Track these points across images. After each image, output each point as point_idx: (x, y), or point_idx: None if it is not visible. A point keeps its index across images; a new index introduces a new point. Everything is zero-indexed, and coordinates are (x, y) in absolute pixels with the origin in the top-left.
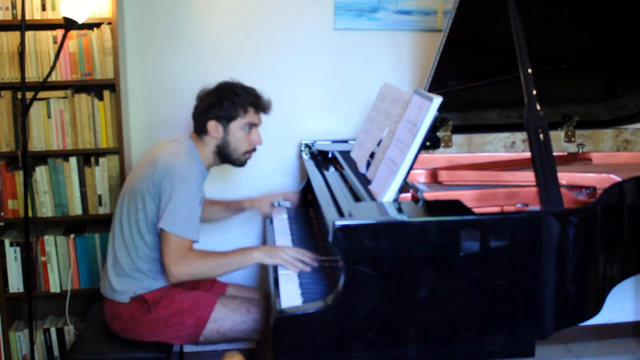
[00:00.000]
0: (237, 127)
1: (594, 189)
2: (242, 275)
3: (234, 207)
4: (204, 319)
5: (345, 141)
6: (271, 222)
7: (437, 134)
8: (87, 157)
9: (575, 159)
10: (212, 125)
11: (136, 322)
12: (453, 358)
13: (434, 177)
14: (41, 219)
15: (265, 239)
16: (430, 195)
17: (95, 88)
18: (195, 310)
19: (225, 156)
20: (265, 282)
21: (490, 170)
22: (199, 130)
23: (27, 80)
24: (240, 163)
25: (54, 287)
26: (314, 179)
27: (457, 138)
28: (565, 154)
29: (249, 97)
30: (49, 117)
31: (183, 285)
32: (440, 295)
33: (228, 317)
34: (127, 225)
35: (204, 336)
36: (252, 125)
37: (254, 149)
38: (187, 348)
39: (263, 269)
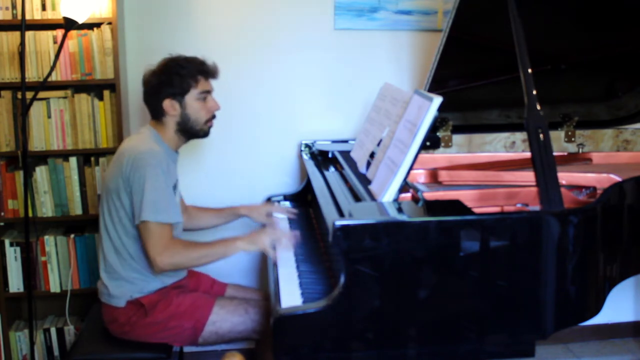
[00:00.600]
0: (192, 98)
1: (594, 189)
2: (242, 274)
3: (228, 213)
4: (202, 322)
5: (345, 141)
6: None
7: (437, 134)
8: (87, 157)
9: (575, 159)
10: (168, 104)
11: (133, 326)
12: (453, 358)
13: (434, 177)
14: (41, 219)
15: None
16: (430, 195)
17: (95, 88)
18: (193, 312)
19: (187, 131)
20: (265, 282)
21: (490, 170)
22: (156, 113)
23: (27, 80)
24: (204, 133)
25: (54, 287)
26: (314, 179)
27: (457, 138)
28: (565, 154)
29: (196, 66)
30: (49, 117)
31: (182, 287)
32: (440, 295)
33: (226, 319)
34: (111, 225)
35: (203, 338)
36: (206, 93)
37: (214, 116)
38: (187, 348)
39: (263, 268)
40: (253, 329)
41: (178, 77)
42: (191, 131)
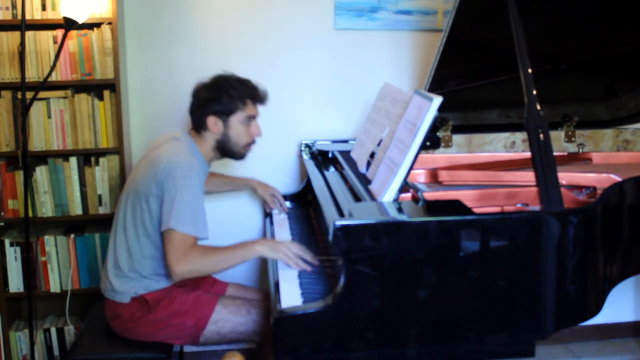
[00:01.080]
0: (237, 120)
1: (594, 189)
2: (243, 274)
3: (240, 183)
4: (205, 320)
5: (345, 141)
6: (271, 222)
7: (437, 134)
8: (87, 157)
9: (575, 159)
10: (212, 121)
11: (136, 322)
12: (453, 358)
13: (434, 177)
14: (41, 219)
15: (265, 238)
16: (430, 195)
17: (95, 88)
18: (195, 311)
19: (226, 150)
20: (266, 281)
21: (490, 170)
22: (198, 126)
23: (27, 80)
24: (241, 156)
25: (54, 287)
26: (314, 179)
27: (457, 138)
28: (565, 154)
29: (247, 90)
30: (49, 117)
31: (184, 286)
32: (440, 295)
33: (228, 319)
34: (131, 226)
35: (204, 337)
36: (251, 118)
37: (254, 141)
38: (187, 348)
39: (263, 268)
40: (255, 330)
41: (228, 96)
42: (229, 152)
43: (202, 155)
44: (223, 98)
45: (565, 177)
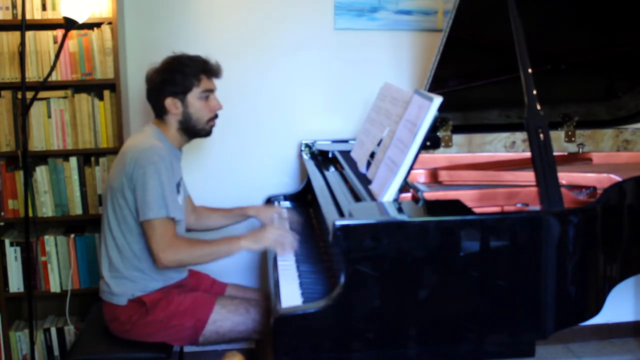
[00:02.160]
0: (194, 97)
1: (594, 189)
2: (242, 274)
3: (237, 214)
4: (203, 320)
5: (345, 141)
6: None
7: (437, 134)
8: (87, 157)
9: (575, 159)
10: (170, 102)
11: (134, 324)
12: (453, 358)
13: (434, 177)
14: (41, 219)
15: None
16: (430, 195)
17: (95, 88)
18: (194, 311)
19: (190, 130)
20: (265, 282)
21: (490, 170)
22: (158, 111)
23: (27, 80)
24: (206, 133)
25: (54, 287)
26: (314, 179)
27: (457, 138)
28: (565, 154)
29: (199, 65)
30: (49, 117)
31: (182, 286)
32: (440, 295)
33: (227, 318)
34: (115, 224)
35: (204, 337)
36: (209, 92)
37: (216, 116)
38: (187, 348)
39: (263, 267)
40: (254, 329)
41: (180, 75)
42: (193, 130)
43: (169, 141)
44: (176, 77)
45: (565, 177)
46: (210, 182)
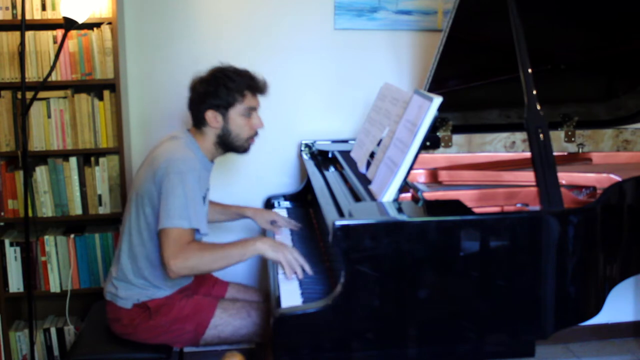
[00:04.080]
0: (236, 113)
1: (594, 189)
2: (243, 274)
3: (234, 212)
4: (204, 325)
5: (345, 141)
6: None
7: (437, 134)
8: (87, 157)
9: (575, 159)
10: (211, 115)
11: (136, 328)
12: (453, 358)
13: (434, 177)
14: (41, 219)
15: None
16: (430, 195)
17: (95, 88)
18: (194, 316)
19: (227, 145)
20: (266, 281)
21: (490, 170)
22: (197, 122)
23: (27, 80)
24: (244, 150)
25: (54, 287)
26: (314, 179)
27: (457, 138)
28: (565, 154)
29: (245, 81)
30: (49, 117)
31: (186, 290)
32: (440, 295)
33: (229, 323)
34: (136, 230)
35: (205, 340)
36: (252, 110)
37: (256, 134)
38: (187, 348)
39: (263, 267)
40: (255, 332)
41: (225, 89)
42: (231, 146)
43: (202, 151)
44: (220, 91)
45: (565, 177)
46: (210, 182)
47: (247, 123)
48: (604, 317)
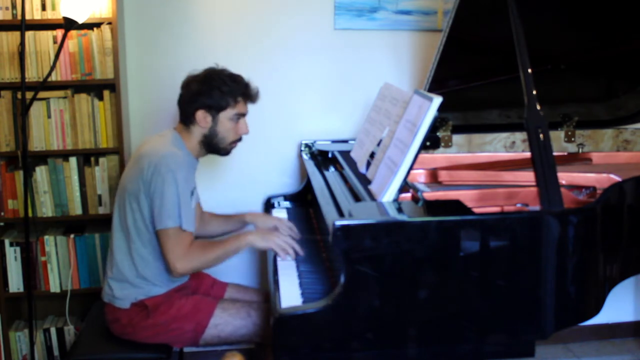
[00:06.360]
0: (226, 117)
1: (594, 189)
2: (242, 274)
3: (236, 221)
4: (203, 325)
5: (345, 141)
6: None
7: (437, 134)
8: (87, 157)
9: (575, 159)
10: (201, 115)
11: (135, 327)
12: (453, 358)
13: (434, 177)
14: (41, 219)
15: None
16: (430, 195)
17: (95, 88)
18: (194, 315)
19: (211, 146)
20: (266, 282)
21: (490, 170)
22: (186, 119)
23: (27, 80)
24: (226, 152)
25: (54, 287)
26: (314, 179)
27: (457, 138)
28: (565, 154)
29: (239, 87)
30: (49, 117)
31: (184, 289)
32: (440, 295)
33: (228, 322)
34: (126, 228)
35: (204, 340)
36: (241, 116)
37: (240, 139)
38: (187, 348)
39: (263, 268)
40: (255, 333)
41: (219, 92)
42: (214, 147)
43: (188, 149)
44: (214, 93)
45: (565, 177)
46: (210, 182)
47: (234, 128)
48: (604, 317)
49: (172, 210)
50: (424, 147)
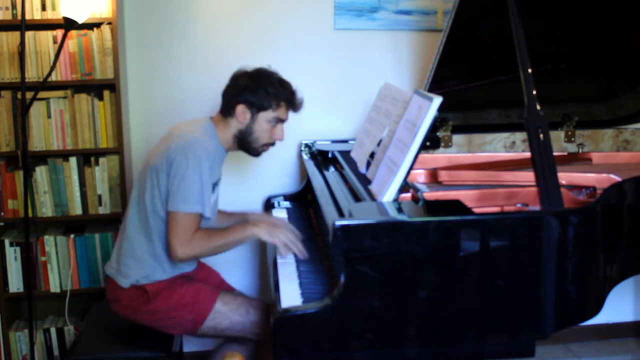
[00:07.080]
0: (265, 118)
1: (594, 189)
2: (242, 274)
3: (237, 219)
4: (203, 315)
5: (345, 141)
6: None
7: (437, 134)
8: (87, 157)
9: (575, 159)
10: (241, 109)
11: (135, 310)
12: (453, 358)
13: (434, 177)
14: (41, 219)
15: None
16: (430, 195)
17: (95, 88)
18: (194, 305)
19: (244, 143)
20: (266, 282)
21: (490, 170)
22: (226, 110)
23: (27, 80)
24: (257, 153)
25: (54, 287)
26: (314, 179)
27: (457, 138)
28: (565, 154)
29: (286, 92)
30: (49, 117)
31: (186, 276)
32: (440, 295)
33: (227, 316)
34: (140, 202)
35: (202, 331)
36: (279, 120)
37: (274, 144)
38: (187, 348)
39: (263, 267)
40: (250, 330)
41: (264, 92)
42: (246, 145)
43: (220, 140)
44: (260, 92)
45: (565, 177)
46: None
47: (270, 130)
48: (604, 317)
49: (188, 195)
50: (424, 147)
